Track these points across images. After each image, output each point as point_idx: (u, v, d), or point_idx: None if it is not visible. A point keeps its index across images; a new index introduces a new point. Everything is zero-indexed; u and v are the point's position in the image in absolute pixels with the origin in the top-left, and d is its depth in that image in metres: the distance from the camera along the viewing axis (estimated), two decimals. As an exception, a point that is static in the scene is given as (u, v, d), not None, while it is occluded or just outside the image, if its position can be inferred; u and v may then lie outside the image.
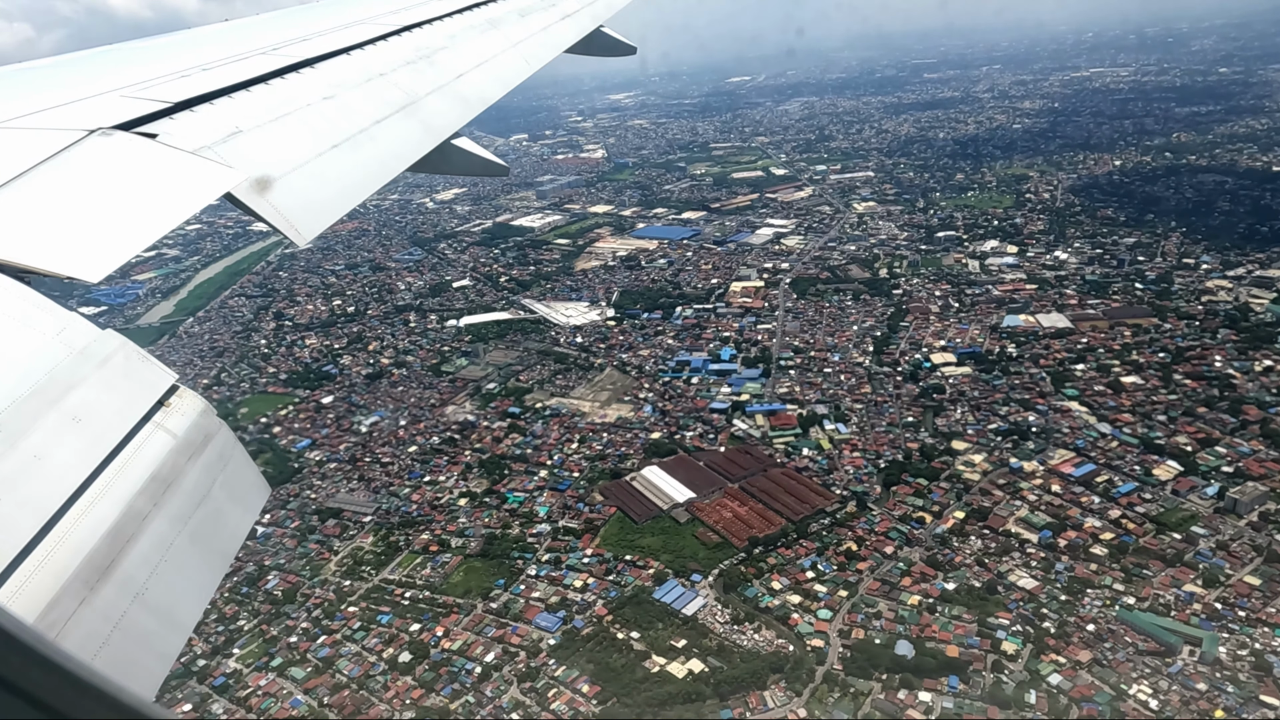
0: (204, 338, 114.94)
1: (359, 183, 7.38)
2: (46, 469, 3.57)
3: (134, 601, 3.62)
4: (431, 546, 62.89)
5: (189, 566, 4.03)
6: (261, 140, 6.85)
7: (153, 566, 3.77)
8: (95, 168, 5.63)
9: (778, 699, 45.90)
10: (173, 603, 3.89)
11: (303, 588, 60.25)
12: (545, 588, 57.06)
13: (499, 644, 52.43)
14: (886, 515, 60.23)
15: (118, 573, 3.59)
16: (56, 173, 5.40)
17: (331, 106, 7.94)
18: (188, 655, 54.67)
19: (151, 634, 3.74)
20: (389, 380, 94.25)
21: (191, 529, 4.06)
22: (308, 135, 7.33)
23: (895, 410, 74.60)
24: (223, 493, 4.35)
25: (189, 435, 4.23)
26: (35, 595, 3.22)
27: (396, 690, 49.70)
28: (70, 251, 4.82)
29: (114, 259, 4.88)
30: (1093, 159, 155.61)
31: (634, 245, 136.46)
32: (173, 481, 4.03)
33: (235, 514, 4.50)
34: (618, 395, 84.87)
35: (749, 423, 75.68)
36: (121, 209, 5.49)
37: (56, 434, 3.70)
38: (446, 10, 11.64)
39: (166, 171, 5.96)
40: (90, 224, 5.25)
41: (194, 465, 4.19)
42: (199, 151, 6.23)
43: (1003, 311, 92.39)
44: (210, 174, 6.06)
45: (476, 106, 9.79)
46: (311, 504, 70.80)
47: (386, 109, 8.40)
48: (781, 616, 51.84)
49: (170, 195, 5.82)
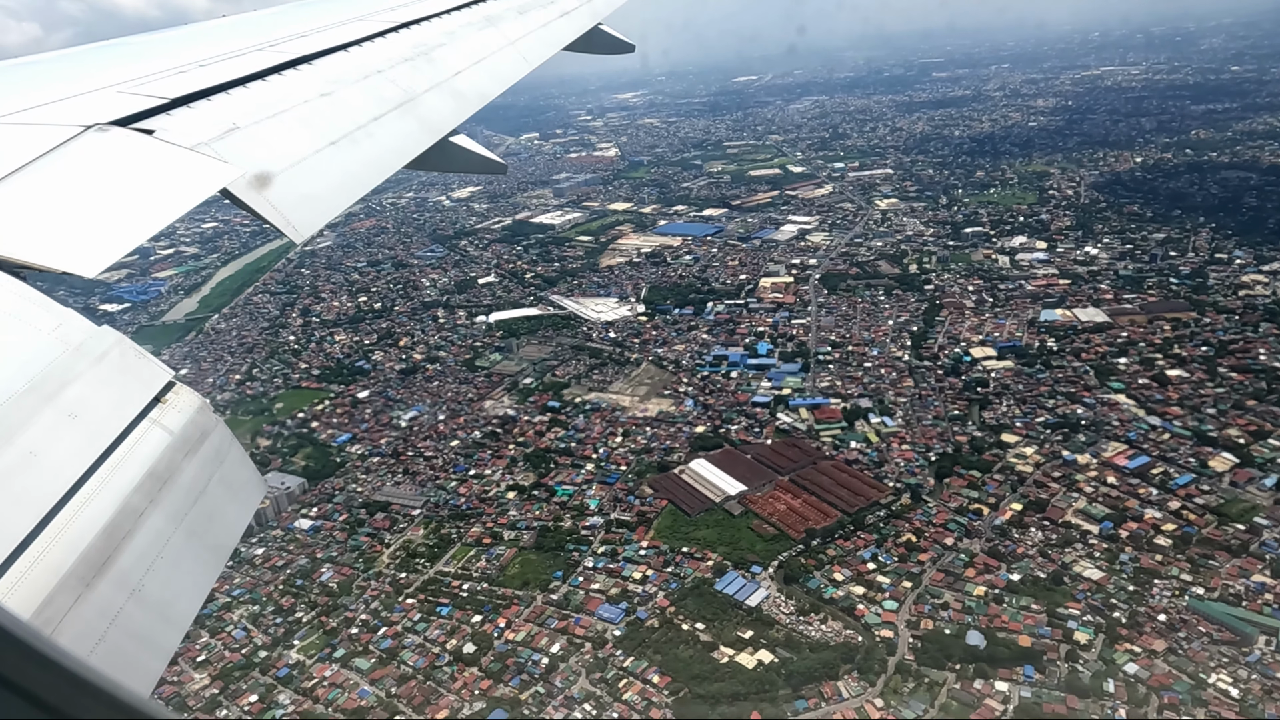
0: (231, 334, 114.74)
1: (356, 180, 7.37)
2: (42, 465, 3.55)
3: (130, 598, 3.61)
4: (484, 539, 62.79)
5: (186, 563, 4.02)
6: (259, 137, 6.84)
7: (149, 563, 3.76)
8: (91, 164, 5.62)
9: (851, 689, 45.80)
10: (169, 599, 3.88)
11: (358, 580, 60.11)
12: (604, 580, 56.97)
13: (563, 635, 52.30)
14: (942, 507, 60.13)
15: (114, 569, 3.58)
16: (52, 168, 5.37)
17: (329, 103, 7.92)
18: (248, 647, 54.63)
19: (148, 630, 3.73)
20: (424, 375, 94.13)
21: (188, 525, 4.06)
22: (305, 132, 7.31)
23: (940, 404, 74.50)
24: (219, 489, 4.35)
25: (185, 432, 4.23)
26: (31, 591, 3.20)
27: (464, 680, 49.57)
28: (66, 247, 4.81)
29: (110, 254, 4.88)
30: (1113, 156, 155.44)
31: (657, 242, 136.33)
32: (169, 478, 4.03)
33: (232, 510, 4.51)
34: (656, 390, 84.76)
35: (793, 416, 75.60)
36: (117, 205, 5.48)
37: (52, 430, 3.68)
38: (445, 7, 11.58)
39: (163, 167, 5.95)
40: (86, 219, 5.25)
41: (190, 462, 4.19)
42: (196, 148, 6.21)
43: (1038, 306, 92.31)
44: (207, 170, 6.06)
45: (475, 104, 9.82)
46: (358, 497, 70.68)
47: (384, 106, 8.40)
48: (846, 608, 51.75)
49: (166, 191, 5.80)
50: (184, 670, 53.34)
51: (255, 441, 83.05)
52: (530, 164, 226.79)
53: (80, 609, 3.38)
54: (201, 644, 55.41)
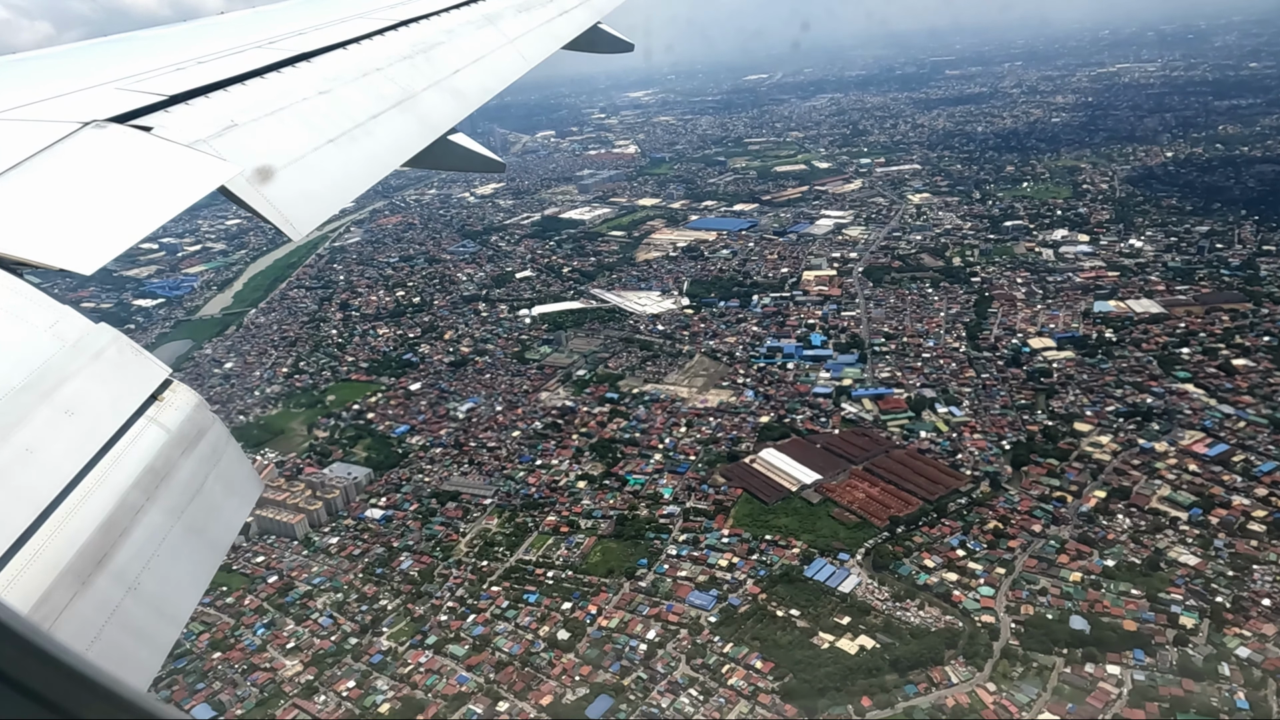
0: (272, 328, 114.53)
1: (354, 178, 7.34)
2: (39, 462, 3.54)
3: (128, 594, 3.61)
4: (562, 528, 62.57)
5: (183, 560, 4.02)
6: (257, 134, 6.81)
7: (146, 560, 3.76)
8: (89, 160, 5.60)
9: (960, 674, 45.63)
10: (167, 595, 3.88)
11: (438, 568, 59.90)
12: (690, 567, 56.77)
13: (657, 622, 52.10)
14: (1024, 495, 59.96)
15: (111, 565, 3.58)
16: (50, 165, 5.35)
17: (327, 101, 7.90)
18: (337, 634, 54.45)
19: (145, 626, 3.73)
20: (474, 368, 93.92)
21: (185, 523, 4.05)
22: (303, 130, 7.28)
23: (1006, 393, 74.34)
24: (216, 487, 4.35)
25: (183, 429, 4.22)
26: (29, 587, 3.20)
27: (563, 667, 49.36)
28: (63, 243, 4.80)
29: (107, 252, 4.86)
30: (1142, 150, 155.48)
31: (692, 236, 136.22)
32: (166, 475, 4.03)
33: (229, 508, 4.50)
34: (713, 381, 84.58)
35: (857, 407, 75.43)
36: (115, 202, 5.45)
37: (49, 427, 3.67)
38: (444, 6, 11.59)
39: (161, 164, 5.92)
40: (84, 217, 5.22)
41: (187, 459, 4.19)
42: (194, 145, 6.18)
43: (1090, 298, 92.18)
44: (205, 167, 6.02)
45: (473, 103, 9.77)
46: (426, 487, 70.44)
47: (383, 104, 8.39)
48: (942, 594, 51.57)
49: (164, 188, 5.77)
50: (275, 657, 53.16)
51: (312, 433, 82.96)
52: (550, 160, 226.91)
53: (78, 605, 3.38)
54: (289, 631, 55.23)
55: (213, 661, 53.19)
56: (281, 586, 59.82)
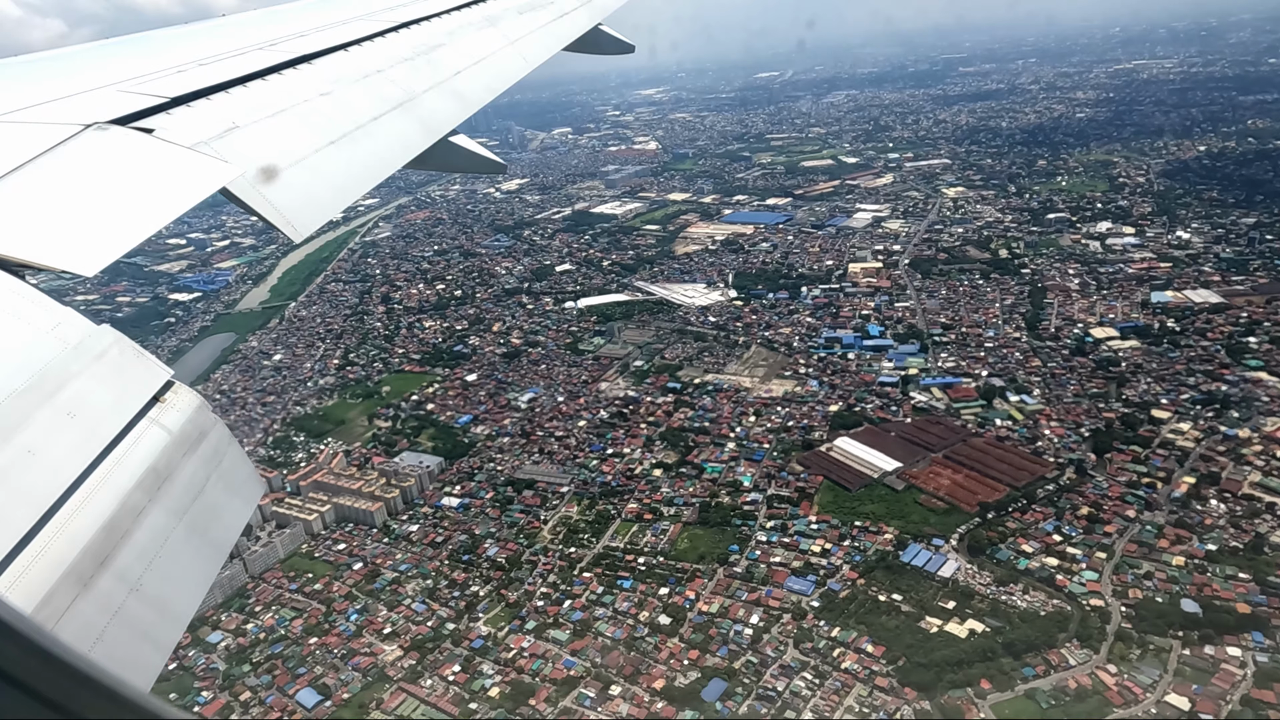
0: (315, 321, 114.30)
1: (356, 179, 7.36)
2: (42, 463, 3.54)
3: (131, 594, 3.63)
4: (645, 515, 62.36)
5: (185, 560, 4.04)
6: (258, 136, 6.82)
7: (149, 560, 3.78)
8: (91, 162, 5.60)
9: (1076, 656, 45.46)
10: (169, 595, 3.89)
11: (524, 555, 59.66)
12: (783, 553, 56.60)
13: (758, 607, 51.91)
14: (1113, 482, 59.80)
15: (114, 566, 3.59)
16: (52, 167, 5.34)
17: (329, 103, 7.89)
18: (433, 619, 54.21)
19: (148, 626, 3.75)
20: (528, 359, 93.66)
21: (187, 524, 4.07)
22: (305, 131, 7.29)
23: (1077, 382, 74.21)
24: (218, 488, 4.37)
25: (184, 431, 4.23)
26: (32, 588, 3.21)
27: (670, 651, 49.18)
28: (65, 245, 4.80)
29: (109, 254, 4.86)
30: (1174, 145, 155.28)
31: (729, 230, 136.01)
32: (168, 476, 4.04)
33: (231, 509, 4.53)
34: (774, 371, 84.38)
35: (926, 395, 75.28)
36: (117, 204, 5.44)
37: (51, 429, 3.67)
38: (444, 7, 11.56)
39: (162, 166, 5.91)
40: (85, 219, 5.22)
41: (189, 461, 4.20)
42: (195, 147, 6.19)
43: (1145, 288, 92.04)
44: (206, 169, 6.02)
45: (474, 104, 9.75)
46: (499, 476, 70.22)
47: (384, 106, 8.38)
48: (1044, 578, 51.41)
49: (166, 190, 5.76)
50: (372, 643, 52.94)
51: (373, 423, 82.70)
52: (571, 157, 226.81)
53: (81, 605, 3.39)
54: (383, 617, 55.00)
55: (310, 647, 52.97)
56: (368, 573, 59.57)
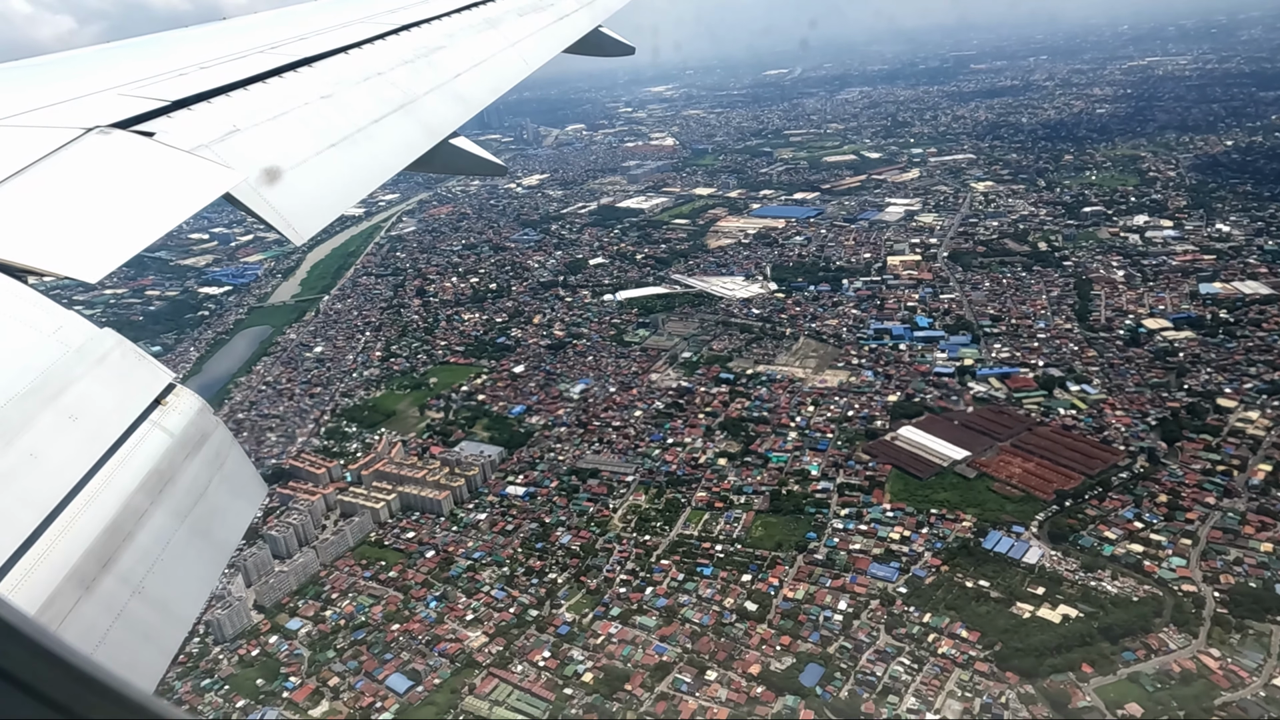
0: (351, 314, 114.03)
1: (357, 182, 7.35)
2: (44, 466, 3.56)
3: (134, 596, 3.63)
4: (715, 503, 62.18)
5: (188, 562, 4.06)
6: (259, 139, 6.80)
7: (151, 562, 3.78)
8: (92, 166, 5.60)
9: (1176, 641, 45.32)
10: (172, 597, 3.91)
11: (598, 542, 59.45)
12: (862, 540, 56.42)
13: (844, 593, 51.73)
14: (1187, 469, 59.68)
15: (117, 568, 3.60)
16: (53, 171, 5.33)
17: (330, 105, 7.88)
18: (515, 606, 53.98)
19: (152, 627, 3.76)
20: (574, 350, 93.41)
21: (190, 526, 4.08)
22: (306, 134, 7.27)
23: (1136, 372, 74.10)
24: (220, 490, 4.38)
25: (186, 434, 4.25)
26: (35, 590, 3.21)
27: (761, 636, 48.99)
28: (68, 251, 4.80)
29: (112, 259, 4.83)
30: (1200, 140, 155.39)
31: (759, 224, 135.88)
32: (170, 479, 4.05)
33: (233, 510, 4.54)
34: (826, 362, 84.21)
35: (985, 385, 75.14)
36: (119, 208, 5.45)
37: (54, 432, 3.69)
38: (445, 10, 11.58)
39: (164, 171, 5.90)
40: (88, 223, 5.22)
41: (191, 463, 4.22)
42: (196, 150, 6.18)
43: (1192, 280, 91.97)
44: (208, 174, 6.01)
45: (475, 106, 9.74)
46: (560, 465, 69.99)
47: (385, 108, 8.37)
48: (1131, 564, 51.30)
49: (168, 195, 5.75)
50: (455, 629, 52.71)
51: (425, 414, 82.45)
52: (589, 153, 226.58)
53: (84, 607, 3.39)
54: (463, 604, 54.78)
55: (393, 633, 52.72)
56: (441, 561, 59.33)
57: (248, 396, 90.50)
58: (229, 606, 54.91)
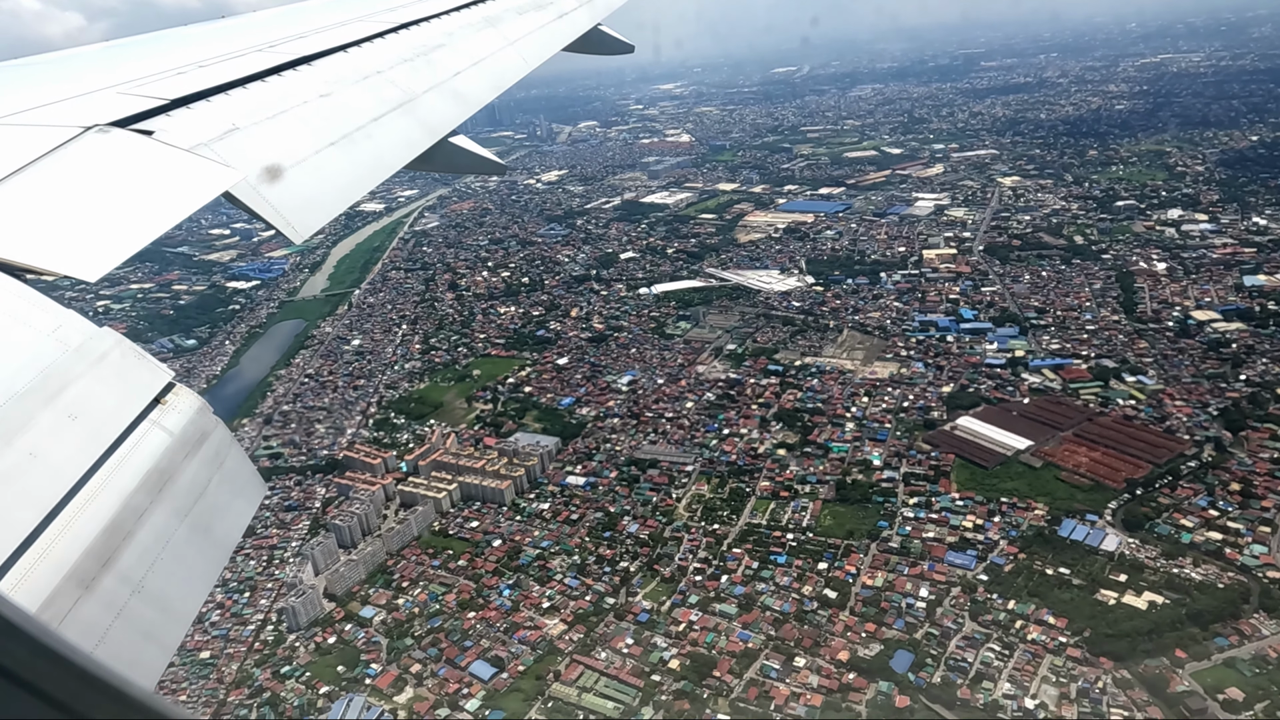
0: (385, 307, 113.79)
1: (356, 180, 7.36)
2: (43, 465, 3.56)
3: (134, 595, 3.64)
4: (780, 493, 62.00)
5: (188, 560, 4.06)
6: (258, 138, 6.80)
7: (152, 561, 3.79)
8: (91, 165, 5.59)
9: (1268, 626, 45.21)
10: (173, 596, 3.92)
11: (666, 531, 59.26)
12: (935, 528, 56.27)
13: (924, 581, 51.56)
14: (1256, 458, 59.57)
15: (117, 567, 3.60)
16: (52, 170, 5.33)
17: (329, 104, 7.89)
18: (590, 594, 53.76)
19: (152, 626, 3.77)
20: (616, 343, 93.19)
21: (189, 525, 4.08)
22: (305, 133, 7.27)
23: (1191, 363, 74.02)
24: (220, 489, 4.39)
25: (185, 433, 4.25)
26: (36, 588, 3.22)
27: (845, 623, 48.82)
28: (67, 250, 4.79)
29: (111, 259, 4.83)
30: (1224, 135, 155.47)
31: (788, 218, 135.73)
32: (170, 478, 4.05)
33: (233, 509, 4.55)
34: (874, 354, 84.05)
35: (1039, 376, 75.01)
36: (118, 207, 5.44)
37: (53, 431, 3.69)
38: (444, 8, 11.56)
39: (163, 169, 5.90)
40: (87, 222, 5.22)
41: (191, 462, 4.22)
42: (195, 149, 6.17)
43: (1235, 273, 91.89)
44: (207, 173, 6.01)
45: (474, 105, 9.73)
46: (618, 455, 69.79)
47: (384, 107, 8.38)
48: (1212, 552, 51.18)
49: (167, 194, 5.74)
50: (533, 617, 52.50)
51: (473, 405, 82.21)
52: (605, 149, 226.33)
53: (85, 605, 3.40)
54: (537, 592, 54.58)
55: (469, 621, 52.51)
56: (509, 550, 59.11)
57: (290, 389, 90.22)
58: (302, 595, 54.71)
